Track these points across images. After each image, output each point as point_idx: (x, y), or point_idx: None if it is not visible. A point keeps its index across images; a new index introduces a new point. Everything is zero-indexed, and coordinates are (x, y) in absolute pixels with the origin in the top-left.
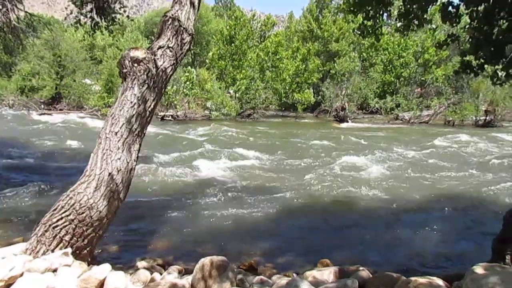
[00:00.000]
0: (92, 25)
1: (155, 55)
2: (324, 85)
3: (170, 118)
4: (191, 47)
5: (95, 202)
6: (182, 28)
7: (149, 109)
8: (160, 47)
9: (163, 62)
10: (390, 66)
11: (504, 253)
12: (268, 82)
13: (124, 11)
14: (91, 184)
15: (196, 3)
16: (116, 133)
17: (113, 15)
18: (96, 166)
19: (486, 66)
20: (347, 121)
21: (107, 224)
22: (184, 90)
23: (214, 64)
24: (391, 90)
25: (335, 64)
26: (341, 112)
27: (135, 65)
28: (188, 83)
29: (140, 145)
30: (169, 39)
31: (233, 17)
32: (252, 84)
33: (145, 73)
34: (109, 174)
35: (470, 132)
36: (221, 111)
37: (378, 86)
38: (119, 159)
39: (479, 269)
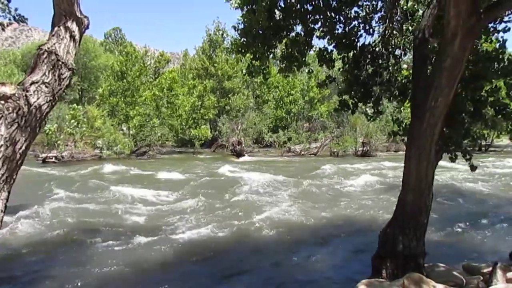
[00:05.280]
0: None
1: (27, 91)
2: (221, 120)
3: (53, 160)
4: (72, 82)
5: None
6: (60, 63)
7: (20, 151)
8: (33, 83)
9: (37, 99)
10: (281, 102)
11: (380, 269)
12: (164, 118)
13: None
14: None
15: (77, 37)
16: None
17: None
18: None
19: (360, 104)
20: (244, 155)
21: None
22: (69, 129)
23: (105, 100)
24: (283, 125)
25: (230, 101)
26: (237, 146)
27: (2, 102)
28: (73, 121)
29: (9, 192)
30: (44, 74)
31: (124, 52)
32: (147, 120)
33: (15, 111)
34: None
35: (351, 161)
36: (113, 149)
37: (271, 121)
38: None
39: (361, 286)
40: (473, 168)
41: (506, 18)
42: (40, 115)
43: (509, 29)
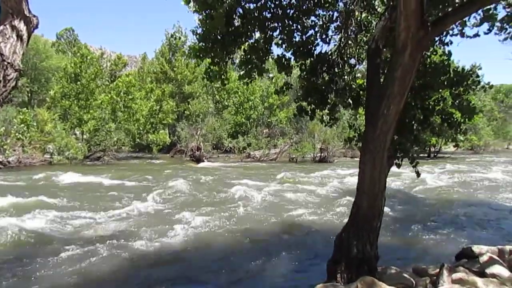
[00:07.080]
0: None
1: None
2: (180, 125)
3: None
4: (20, 84)
5: None
6: (5, 63)
7: None
8: None
9: None
10: (241, 108)
11: (335, 273)
12: (120, 123)
13: None
14: None
15: (24, 36)
16: None
17: None
18: None
19: (317, 110)
20: (203, 161)
21: None
22: (17, 134)
23: (56, 103)
24: (242, 131)
25: (190, 106)
26: (197, 152)
27: None
28: (23, 125)
29: None
30: None
31: (78, 54)
32: (103, 125)
33: None
34: None
35: (309, 167)
36: (65, 154)
37: (231, 127)
38: None
39: None
40: (418, 174)
41: (454, 31)
42: None
43: (451, 42)
